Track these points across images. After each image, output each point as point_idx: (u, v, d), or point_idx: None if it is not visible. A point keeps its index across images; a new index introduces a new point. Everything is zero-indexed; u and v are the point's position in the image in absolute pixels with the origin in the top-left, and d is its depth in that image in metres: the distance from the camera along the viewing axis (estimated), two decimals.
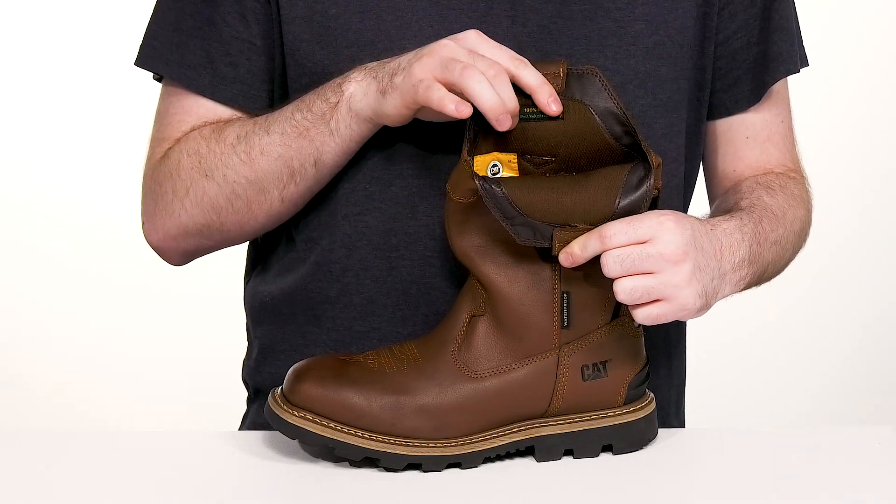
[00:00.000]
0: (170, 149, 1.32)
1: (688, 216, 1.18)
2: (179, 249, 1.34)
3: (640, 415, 1.20)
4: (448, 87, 1.13)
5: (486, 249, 1.16)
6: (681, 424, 1.44)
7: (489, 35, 1.17)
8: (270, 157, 1.25)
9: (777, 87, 1.39)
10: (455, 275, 1.27)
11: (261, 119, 1.27)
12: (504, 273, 1.16)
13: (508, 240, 1.15)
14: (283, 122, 1.25)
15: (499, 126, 1.12)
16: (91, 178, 3.04)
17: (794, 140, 1.43)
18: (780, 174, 1.39)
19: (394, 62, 1.19)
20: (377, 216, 1.29)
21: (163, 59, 1.33)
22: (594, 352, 1.17)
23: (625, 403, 1.19)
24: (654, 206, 1.16)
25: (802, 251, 1.39)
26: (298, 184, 1.26)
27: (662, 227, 1.14)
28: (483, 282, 1.16)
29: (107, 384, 3.03)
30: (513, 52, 1.16)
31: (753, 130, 1.40)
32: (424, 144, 1.27)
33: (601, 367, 1.18)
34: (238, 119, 1.31)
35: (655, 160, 1.13)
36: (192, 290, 2.91)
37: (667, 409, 1.37)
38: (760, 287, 1.31)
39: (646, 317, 1.14)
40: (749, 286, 1.26)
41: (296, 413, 1.14)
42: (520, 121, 1.14)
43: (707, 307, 1.18)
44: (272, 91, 1.32)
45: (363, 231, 1.29)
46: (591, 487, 1.13)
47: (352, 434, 1.13)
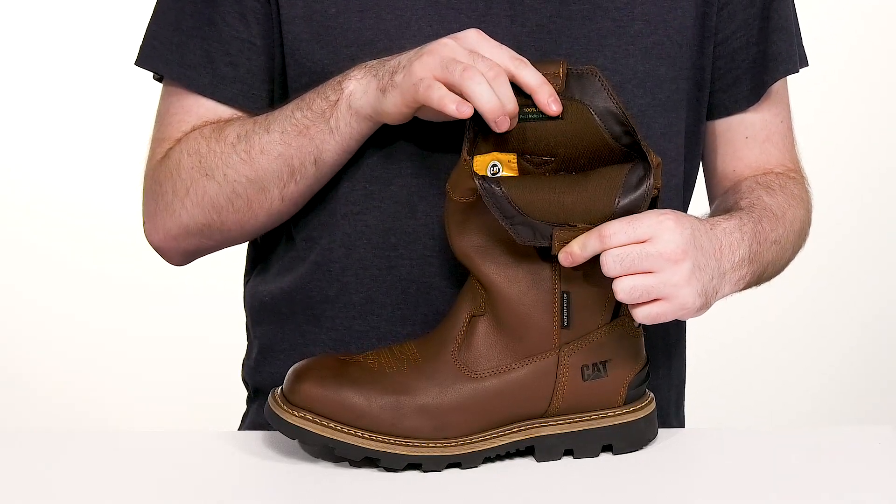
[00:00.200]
0: (170, 149, 1.32)
1: (687, 215, 1.18)
2: (180, 249, 1.34)
3: (640, 415, 1.20)
4: (448, 87, 1.13)
5: (486, 249, 1.16)
6: (680, 424, 1.44)
7: (488, 34, 1.17)
8: (271, 156, 1.25)
9: (776, 87, 1.39)
10: (454, 274, 1.27)
11: (261, 118, 1.27)
12: (504, 273, 1.16)
13: (508, 240, 1.15)
14: (283, 121, 1.25)
15: (497, 128, 1.12)
16: (91, 178, 3.04)
17: (794, 140, 1.43)
18: (780, 174, 1.39)
19: (394, 60, 1.19)
20: (376, 215, 1.29)
21: (163, 59, 1.33)
22: (594, 352, 1.17)
23: (625, 403, 1.19)
24: (654, 206, 1.16)
25: (802, 251, 1.39)
26: (299, 182, 1.26)
27: (662, 227, 1.14)
28: (483, 282, 1.16)
29: (107, 384, 3.03)
30: (513, 52, 1.16)
31: (753, 130, 1.40)
32: (424, 144, 1.27)
33: (601, 367, 1.18)
34: (238, 118, 1.31)
35: (655, 160, 1.13)
36: (192, 290, 2.91)
37: (666, 409, 1.37)
38: (760, 287, 1.31)
39: (645, 316, 1.14)
40: (749, 286, 1.26)
41: (296, 413, 1.14)
42: (519, 121, 1.14)
43: (707, 306, 1.18)
44: (272, 91, 1.32)
45: (362, 230, 1.29)
46: (591, 487, 1.13)
47: (352, 434, 1.13)
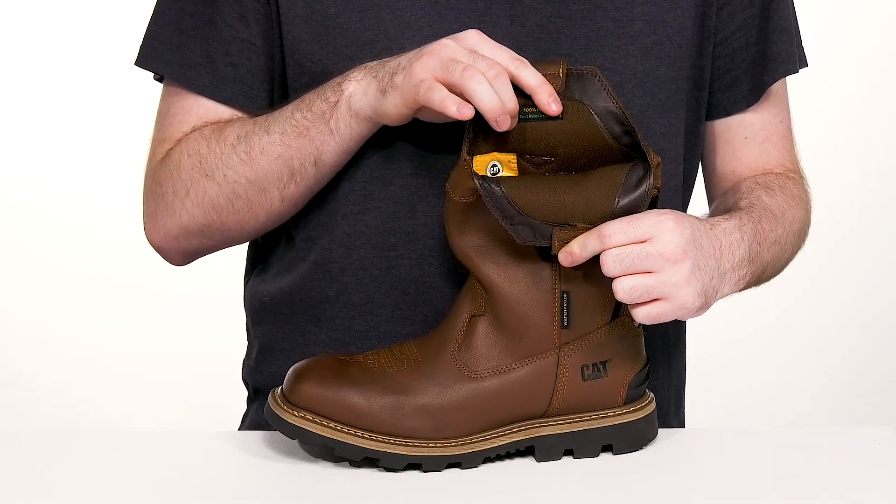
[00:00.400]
0: (171, 149, 1.32)
1: (687, 215, 1.18)
2: (181, 249, 1.34)
3: (640, 415, 1.20)
4: (448, 87, 1.14)
5: (486, 249, 1.16)
6: (680, 424, 1.44)
7: (488, 34, 1.17)
8: (270, 157, 1.25)
9: (776, 88, 1.39)
10: (454, 274, 1.27)
11: (261, 119, 1.27)
12: (504, 273, 1.16)
13: (508, 239, 1.15)
14: (283, 122, 1.25)
15: (498, 127, 1.12)
16: (91, 178, 3.04)
17: (793, 140, 1.43)
18: (779, 174, 1.39)
19: (394, 61, 1.19)
20: (376, 215, 1.29)
21: (163, 59, 1.33)
22: (594, 352, 1.17)
23: (625, 403, 1.19)
24: (654, 206, 1.16)
25: (801, 251, 1.39)
26: (299, 183, 1.26)
27: (662, 227, 1.14)
28: (483, 282, 1.16)
29: (107, 384, 3.03)
30: (513, 53, 1.16)
31: (752, 131, 1.40)
32: (423, 144, 1.27)
33: (601, 367, 1.18)
34: (238, 119, 1.31)
35: (655, 160, 1.13)
36: (192, 290, 2.91)
37: (666, 410, 1.37)
38: (759, 287, 1.31)
39: (645, 316, 1.14)
40: (748, 286, 1.26)
41: (296, 413, 1.14)
42: (519, 121, 1.14)
43: (706, 306, 1.18)
44: (272, 91, 1.32)
45: (362, 230, 1.29)
46: (591, 487, 1.13)
47: (352, 434, 1.13)
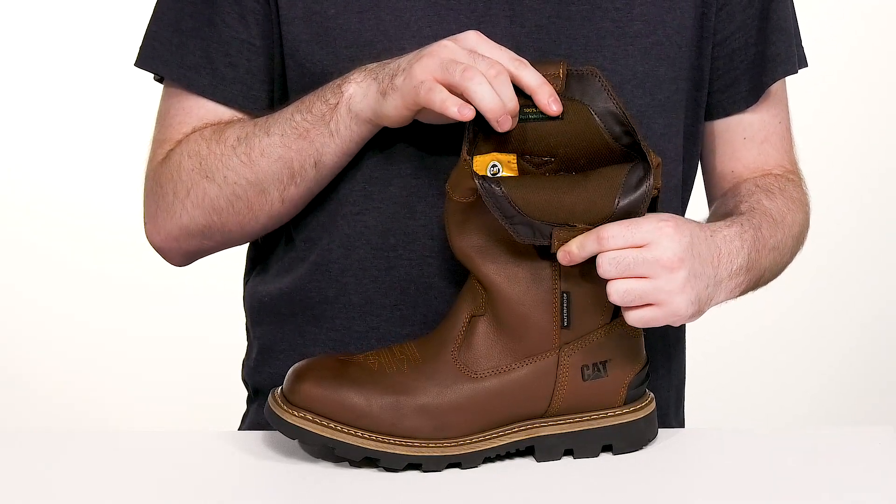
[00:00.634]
0: (171, 150, 1.32)
1: (688, 221, 1.18)
2: (181, 250, 1.34)
3: (640, 415, 1.20)
4: (449, 89, 1.13)
5: (486, 249, 1.16)
6: (680, 425, 1.43)
7: (487, 35, 1.17)
8: (271, 159, 1.25)
9: (775, 88, 1.39)
10: (453, 274, 1.27)
11: (261, 120, 1.27)
12: (504, 273, 1.16)
13: (508, 239, 1.15)
14: (283, 124, 1.25)
15: (499, 127, 1.12)
16: (91, 178, 3.04)
17: (792, 141, 1.43)
18: (779, 176, 1.39)
19: (394, 63, 1.19)
20: (376, 216, 1.29)
21: (162, 60, 1.33)
22: (594, 352, 1.17)
23: (625, 403, 1.19)
24: (654, 206, 1.16)
25: (800, 252, 1.38)
26: (299, 185, 1.26)
27: (661, 233, 1.14)
28: (483, 282, 1.16)
29: (107, 384, 3.03)
30: (513, 53, 1.16)
31: (751, 131, 1.40)
32: (423, 144, 1.27)
33: (601, 367, 1.18)
34: (238, 120, 1.31)
35: (655, 160, 1.13)
36: (192, 290, 2.91)
37: (666, 410, 1.37)
38: (758, 290, 1.31)
39: (637, 319, 1.15)
40: (744, 293, 1.26)
41: (296, 413, 1.14)
42: (519, 121, 1.14)
43: (700, 313, 1.18)
44: (272, 91, 1.32)
45: (362, 231, 1.29)
46: (591, 487, 1.13)
47: (352, 434, 1.13)
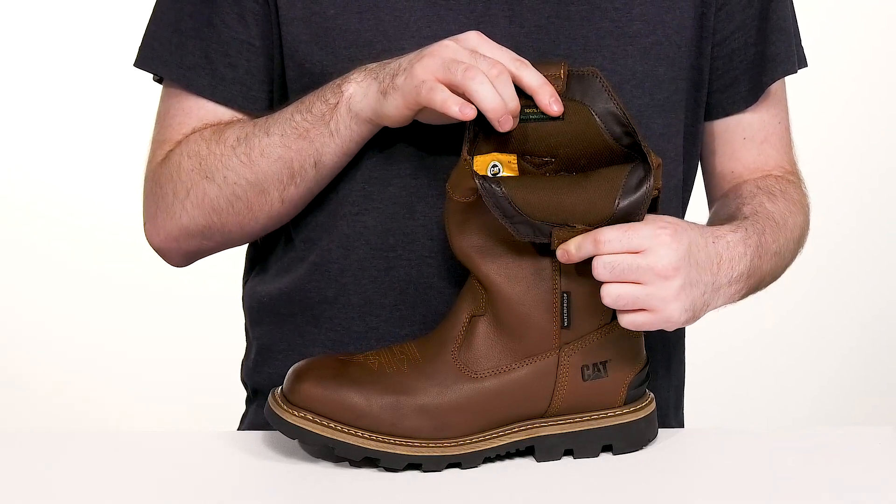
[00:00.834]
0: (170, 151, 1.32)
1: (689, 227, 1.18)
2: (181, 250, 1.34)
3: (640, 415, 1.20)
4: (450, 88, 1.13)
5: (487, 249, 1.16)
6: (679, 426, 1.43)
7: (487, 35, 1.17)
8: (270, 159, 1.25)
9: (775, 88, 1.39)
10: (453, 274, 1.27)
11: (261, 121, 1.27)
12: (504, 273, 1.16)
13: (509, 239, 1.15)
14: (283, 124, 1.25)
15: (500, 127, 1.12)
16: (91, 178, 3.04)
17: (792, 141, 1.43)
18: (779, 177, 1.39)
19: (394, 63, 1.19)
20: (375, 216, 1.29)
21: (162, 60, 1.33)
22: (594, 352, 1.17)
23: (625, 403, 1.19)
24: (655, 207, 1.16)
25: (800, 254, 1.38)
26: (299, 185, 1.26)
27: (658, 240, 1.14)
28: (483, 282, 1.16)
29: (107, 384, 3.03)
30: (514, 54, 1.15)
31: (751, 131, 1.40)
32: (422, 144, 1.27)
33: (601, 368, 1.18)
34: (238, 121, 1.31)
35: (655, 161, 1.13)
36: (192, 291, 2.91)
37: (665, 411, 1.37)
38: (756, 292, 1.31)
39: (630, 323, 1.15)
40: (744, 297, 1.26)
41: (296, 413, 1.14)
42: (520, 121, 1.14)
43: (695, 319, 1.18)
44: (271, 92, 1.32)
45: (361, 231, 1.29)
46: (591, 487, 1.13)
47: (352, 434, 1.13)
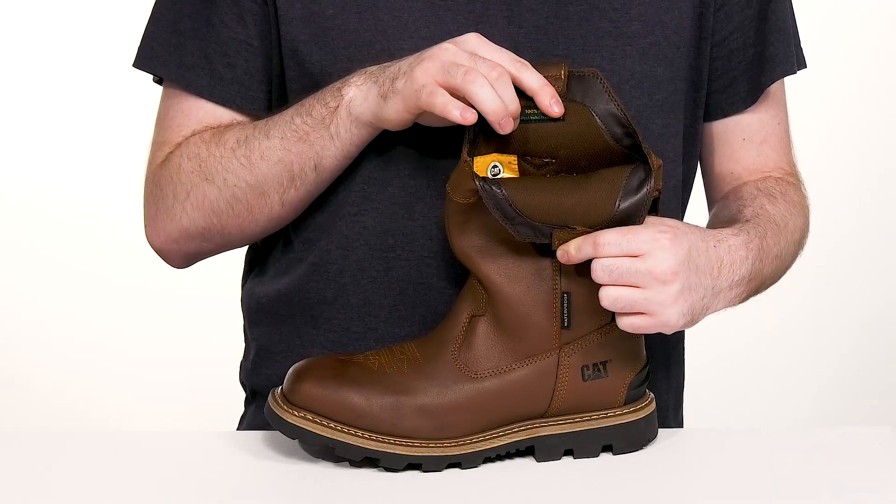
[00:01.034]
0: (170, 153, 1.32)
1: (689, 231, 1.17)
2: (181, 252, 1.34)
3: (641, 415, 1.20)
4: (450, 91, 1.13)
5: (487, 250, 1.16)
6: (679, 427, 1.44)
7: (485, 35, 1.17)
8: (270, 162, 1.25)
9: (774, 89, 1.39)
10: (452, 274, 1.27)
11: (261, 123, 1.27)
12: (504, 273, 1.16)
13: (509, 240, 1.15)
14: (283, 127, 1.25)
15: (501, 129, 1.12)
16: (91, 178, 3.04)
17: (791, 143, 1.43)
18: (779, 179, 1.38)
19: (394, 66, 1.19)
20: (374, 216, 1.29)
21: (161, 61, 1.33)
22: (594, 352, 1.17)
23: (625, 403, 1.19)
24: (655, 208, 1.16)
25: (800, 255, 1.38)
26: (299, 188, 1.26)
27: (657, 244, 1.14)
28: (483, 282, 1.16)
29: (107, 384, 3.03)
30: (514, 55, 1.15)
31: (750, 132, 1.40)
32: (421, 145, 1.27)
33: (601, 368, 1.18)
34: (238, 123, 1.31)
35: (656, 162, 1.13)
36: (192, 291, 2.91)
37: (665, 413, 1.37)
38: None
39: (628, 325, 1.15)
40: (745, 300, 1.26)
41: (296, 413, 1.14)
42: (521, 122, 1.14)
43: (693, 322, 1.18)
44: (270, 92, 1.32)
45: (360, 231, 1.29)
46: (591, 487, 1.13)
47: (352, 434, 1.13)
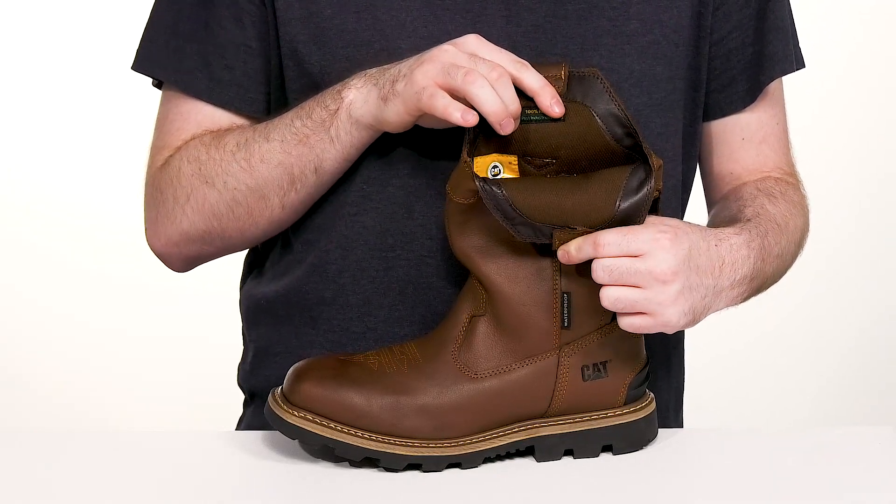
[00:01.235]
0: (170, 156, 1.32)
1: (690, 230, 1.17)
2: (182, 255, 1.34)
3: (641, 415, 1.20)
4: (450, 93, 1.13)
5: (487, 250, 1.16)
6: (679, 427, 1.44)
7: (484, 35, 1.17)
8: (270, 165, 1.25)
9: (772, 88, 1.39)
10: (452, 274, 1.27)
11: (260, 126, 1.27)
12: (504, 273, 1.16)
13: (509, 240, 1.15)
14: (283, 130, 1.25)
15: (501, 130, 1.12)
16: (91, 178, 3.04)
17: (789, 142, 1.43)
18: (779, 179, 1.38)
19: (394, 68, 1.19)
20: (374, 216, 1.29)
21: (159, 64, 1.33)
22: (594, 352, 1.17)
23: (625, 403, 1.19)
24: (656, 208, 1.16)
25: (800, 256, 1.38)
26: (299, 191, 1.26)
27: (657, 245, 1.14)
28: (483, 282, 1.16)
29: (107, 384, 3.03)
30: (514, 56, 1.15)
31: (749, 131, 1.40)
32: (421, 145, 1.26)
33: (601, 368, 1.18)
34: (238, 127, 1.31)
35: (656, 162, 1.13)
36: (192, 291, 2.90)
37: (665, 413, 1.37)
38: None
39: (628, 326, 1.15)
40: (746, 300, 1.26)
41: (296, 413, 1.14)
42: (521, 122, 1.14)
43: (694, 322, 1.18)
44: (269, 93, 1.32)
45: (360, 231, 1.29)
46: (591, 487, 1.13)
47: (352, 434, 1.13)
